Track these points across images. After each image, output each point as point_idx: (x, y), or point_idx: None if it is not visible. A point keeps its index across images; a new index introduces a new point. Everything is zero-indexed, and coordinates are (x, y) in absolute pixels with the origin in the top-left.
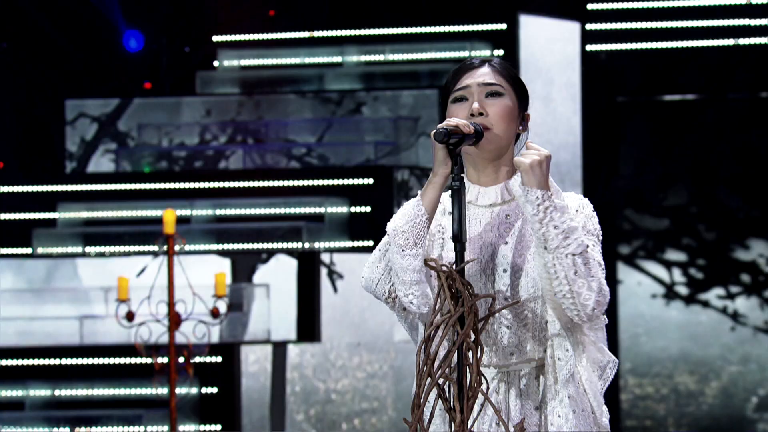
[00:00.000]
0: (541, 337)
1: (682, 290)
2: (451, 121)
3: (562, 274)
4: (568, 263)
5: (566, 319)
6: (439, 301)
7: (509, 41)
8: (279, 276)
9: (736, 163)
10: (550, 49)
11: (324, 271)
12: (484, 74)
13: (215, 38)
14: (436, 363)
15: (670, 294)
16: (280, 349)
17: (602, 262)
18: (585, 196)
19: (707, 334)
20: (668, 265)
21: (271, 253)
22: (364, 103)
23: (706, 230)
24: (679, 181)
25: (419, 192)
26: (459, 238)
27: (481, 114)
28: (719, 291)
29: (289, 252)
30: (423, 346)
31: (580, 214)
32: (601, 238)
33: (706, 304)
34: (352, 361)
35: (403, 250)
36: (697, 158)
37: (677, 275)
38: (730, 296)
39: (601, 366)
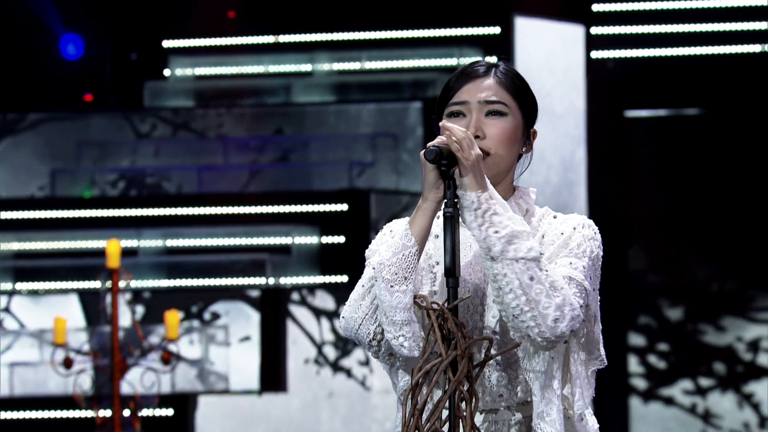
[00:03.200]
0: (542, 377)
1: (640, 384)
2: (443, 138)
3: (516, 282)
4: (519, 268)
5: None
6: (428, 343)
7: (503, 47)
8: (240, 316)
9: (710, 219)
10: (550, 56)
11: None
12: (487, 89)
13: (166, 43)
14: (425, 414)
15: (625, 388)
16: (192, 401)
17: (587, 286)
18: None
19: None
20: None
21: (231, 290)
22: (338, 116)
23: (669, 306)
24: (636, 241)
25: (407, 219)
26: (452, 272)
27: (477, 137)
28: (686, 384)
29: (252, 288)
30: (410, 395)
31: (577, 233)
32: (597, 262)
33: (669, 401)
34: None
35: (391, 286)
36: (661, 210)
37: (633, 364)
38: (701, 391)
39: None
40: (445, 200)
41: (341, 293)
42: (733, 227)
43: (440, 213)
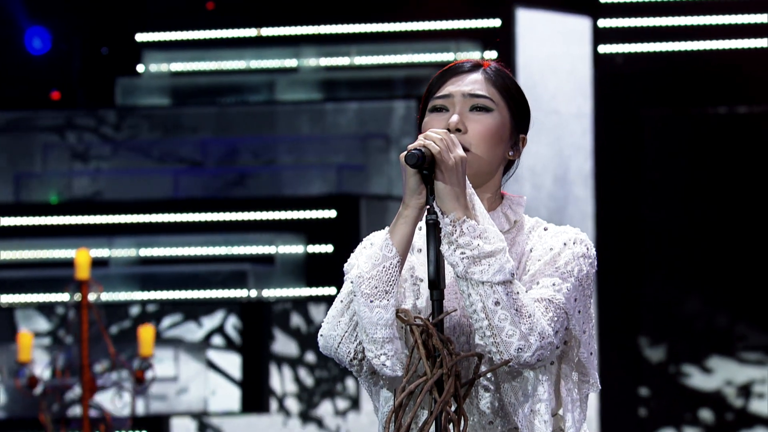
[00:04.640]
0: (529, 400)
1: None
2: (425, 140)
3: (479, 305)
4: (485, 291)
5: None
6: (412, 361)
7: (504, 41)
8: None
9: (700, 238)
10: (554, 51)
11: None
12: (473, 83)
13: (139, 37)
14: None
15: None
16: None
17: (568, 310)
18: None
19: None
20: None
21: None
22: (326, 116)
23: (649, 345)
24: (611, 269)
25: (387, 228)
26: (436, 284)
27: (458, 130)
28: None
29: (232, 302)
30: (392, 417)
31: (567, 249)
32: (585, 284)
33: None
34: None
35: (371, 301)
36: (642, 231)
37: None
38: None
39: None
40: (428, 206)
41: (305, 339)
42: (723, 252)
43: (422, 223)
